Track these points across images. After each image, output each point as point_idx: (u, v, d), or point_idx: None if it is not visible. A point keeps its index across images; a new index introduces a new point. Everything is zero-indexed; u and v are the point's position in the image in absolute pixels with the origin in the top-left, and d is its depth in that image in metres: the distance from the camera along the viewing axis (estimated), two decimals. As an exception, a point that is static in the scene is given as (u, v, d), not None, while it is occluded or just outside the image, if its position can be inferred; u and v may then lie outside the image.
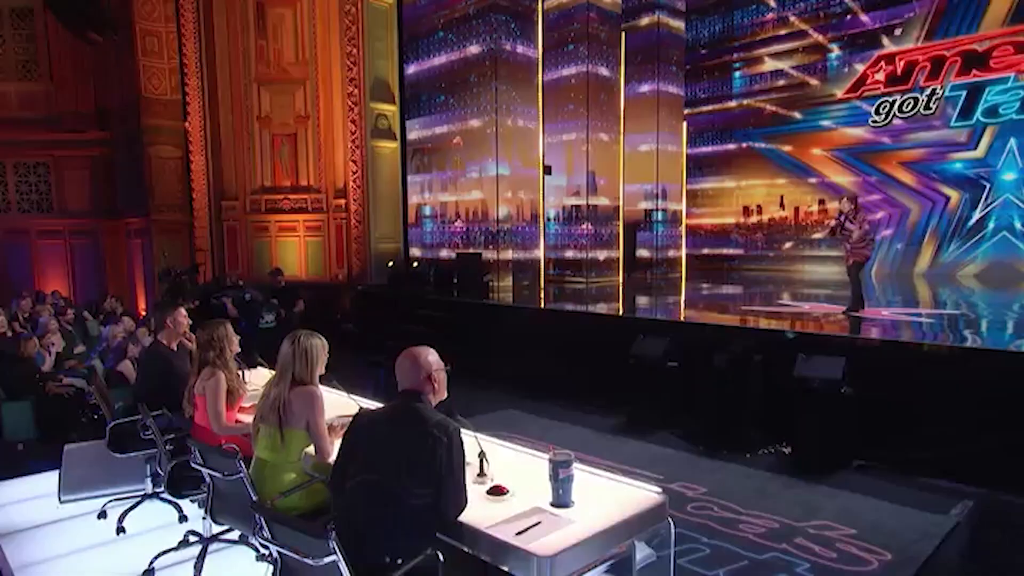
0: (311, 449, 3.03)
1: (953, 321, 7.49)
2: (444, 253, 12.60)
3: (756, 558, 3.70)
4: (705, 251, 14.87)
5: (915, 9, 12.31)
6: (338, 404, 3.97)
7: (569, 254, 12.68)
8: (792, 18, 13.83)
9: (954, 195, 11.78)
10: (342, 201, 12.23)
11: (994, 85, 11.40)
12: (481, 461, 2.67)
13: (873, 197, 12.69)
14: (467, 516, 2.31)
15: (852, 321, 7.19)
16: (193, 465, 3.27)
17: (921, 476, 4.76)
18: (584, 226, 12.59)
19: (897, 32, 12.51)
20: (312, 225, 12.34)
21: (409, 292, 11.17)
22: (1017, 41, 11.12)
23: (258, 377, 5.04)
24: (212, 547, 3.74)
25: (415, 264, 11.96)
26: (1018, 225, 11.03)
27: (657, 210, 13.78)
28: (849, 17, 13.10)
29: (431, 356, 2.54)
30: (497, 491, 2.50)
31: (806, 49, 13.71)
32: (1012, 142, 11.18)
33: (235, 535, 3.79)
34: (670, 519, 2.41)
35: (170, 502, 4.32)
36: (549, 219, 12.56)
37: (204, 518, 3.81)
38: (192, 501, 4.26)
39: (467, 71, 11.93)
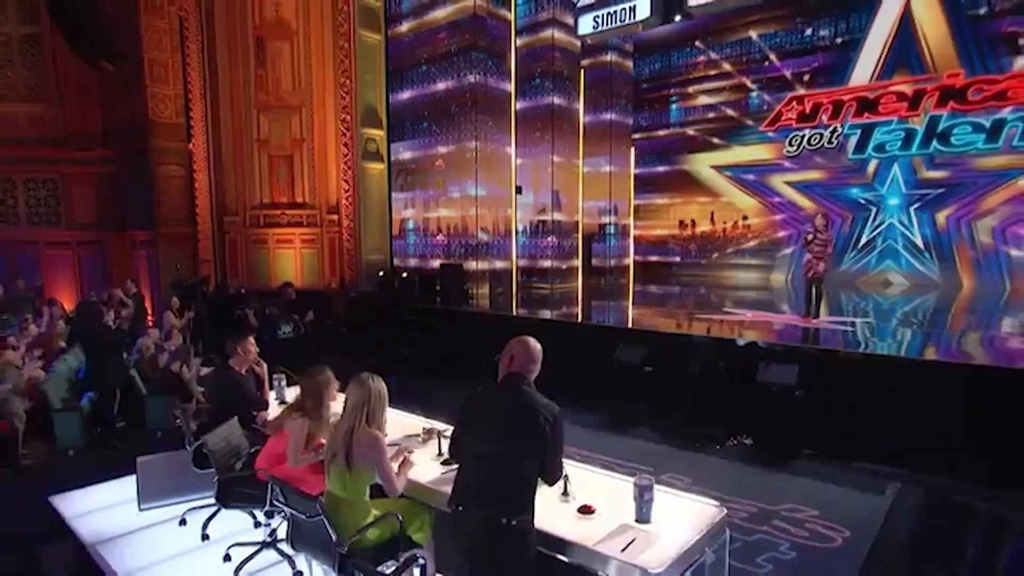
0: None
1: (869, 328, 7.97)
2: (427, 263, 12.66)
3: (747, 540, 4.09)
4: (650, 259, 15.35)
5: (819, 60, 13.07)
6: (404, 424, 4.13)
7: (536, 264, 12.97)
8: (720, 61, 14.37)
9: (850, 215, 12.65)
10: (335, 216, 12.11)
11: (881, 126, 12.22)
12: (565, 483, 2.88)
13: (782, 216, 13.51)
14: (569, 533, 2.52)
15: (801, 331, 7.61)
16: (275, 503, 3.22)
17: (857, 461, 5.27)
18: (549, 239, 12.90)
19: (805, 78, 13.24)
20: (307, 238, 12.17)
21: (399, 300, 11.20)
22: (898, 91, 11.96)
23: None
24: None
25: (404, 274, 11.97)
26: (900, 241, 11.99)
27: (610, 224, 14.23)
28: (767, 63, 13.72)
29: (537, 346, 2.63)
30: (586, 510, 2.72)
31: (731, 88, 14.23)
32: (896, 173, 12.08)
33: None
34: (727, 528, 2.73)
35: (243, 509, 4.37)
36: (519, 233, 12.77)
37: (268, 524, 3.93)
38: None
39: (449, 101, 11.98)
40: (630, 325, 8.82)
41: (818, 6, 12.73)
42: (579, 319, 9.86)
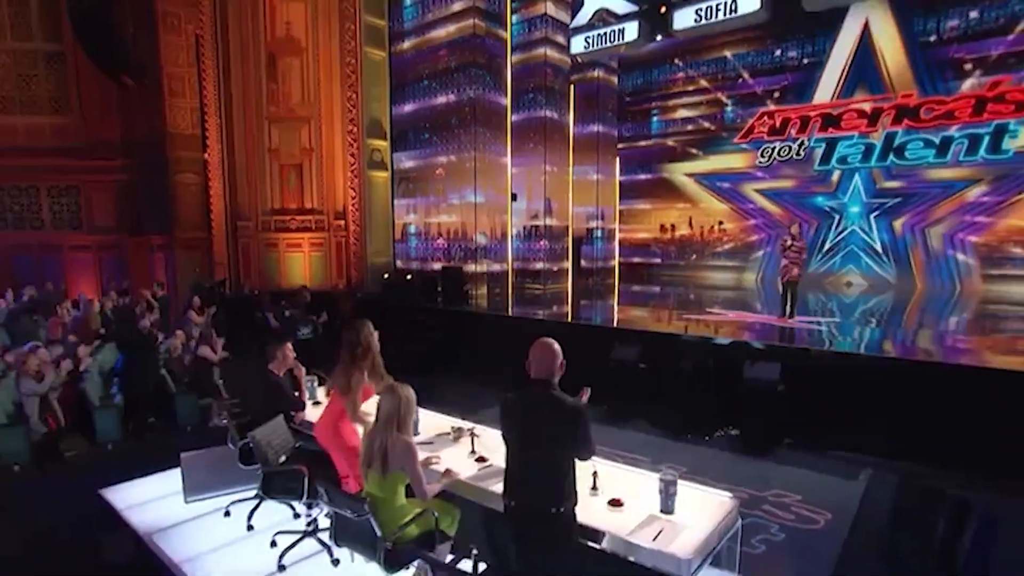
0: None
1: (836, 328, 8.21)
2: (427, 266, 12.72)
3: (741, 522, 4.27)
4: (633, 260, 15.51)
5: (788, 79, 13.32)
6: (434, 424, 4.24)
7: (530, 266, 13.09)
8: (697, 77, 14.54)
9: (816, 222, 12.96)
10: (341, 222, 12.13)
11: (844, 140, 12.50)
12: (594, 478, 3.04)
13: (754, 221, 13.79)
14: (602, 524, 2.67)
15: (780, 331, 7.78)
16: (321, 503, 3.24)
17: (832, 450, 5.48)
18: (542, 242, 13.05)
19: (775, 95, 13.49)
20: (315, 242, 12.18)
21: (404, 301, 11.19)
22: (858, 109, 12.26)
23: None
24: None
25: (409, 276, 12.02)
26: (861, 246, 12.35)
27: (597, 228, 14.40)
28: (740, 80, 13.93)
29: (557, 346, 2.69)
30: (616, 503, 2.87)
31: (708, 102, 14.39)
32: (857, 183, 12.41)
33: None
34: (739, 517, 2.90)
35: (283, 501, 4.43)
36: (514, 237, 12.88)
37: (309, 515, 4.02)
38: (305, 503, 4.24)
39: (449, 114, 12.04)
40: (624, 326, 8.94)
41: (786, 30, 12.96)
42: (569, 318, 10.00)
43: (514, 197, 12.56)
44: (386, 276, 12.17)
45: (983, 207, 10.94)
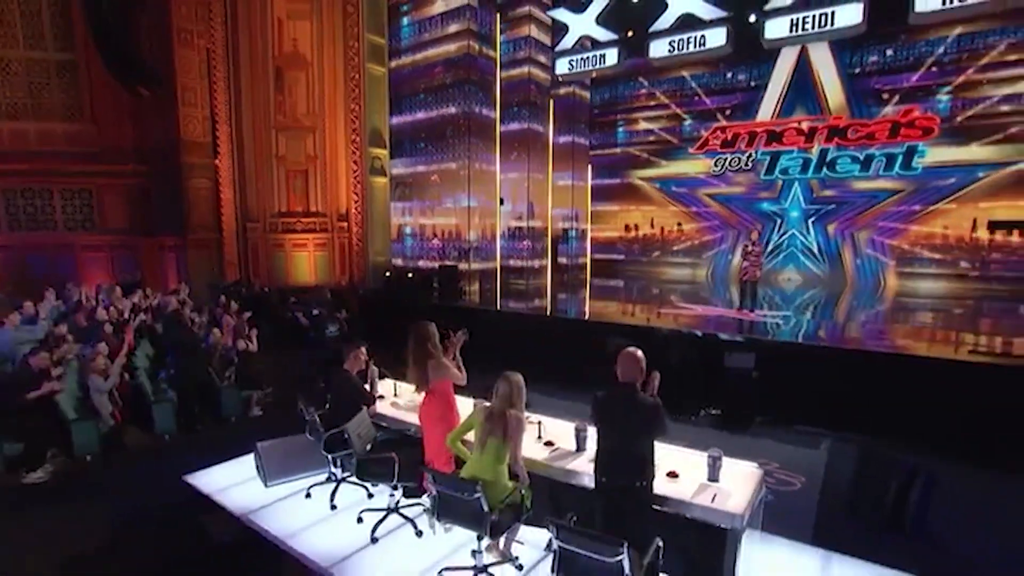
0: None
1: (784, 320, 8.84)
2: (422, 264, 12.94)
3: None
4: (601, 256, 16.08)
5: (737, 98, 14.13)
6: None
7: (515, 263, 13.51)
8: (658, 94, 15.16)
9: (761, 225, 13.83)
10: (344, 224, 12.19)
11: (785, 154, 13.43)
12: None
13: (707, 223, 14.63)
14: (666, 491, 3.20)
15: (745, 324, 8.40)
16: (427, 486, 3.49)
17: (796, 424, 6.18)
18: (525, 242, 13.48)
19: (727, 112, 14.29)
20: (319, 242, 12.20)
21: (404, 297, 11.36)
22: (797, 127, 13.19)
23: (385, 387, 5.49)
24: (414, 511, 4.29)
25: (410, 275, 12.20)
26: (800, 247, 13.38)
27: (572, 228, 14.92)
28: (696, 98, 14.63)
29: (640, 355, 3.14)
30: (672, 475, 3.43)
31: (668, 116, 14.97)
32: (797, 192, 13.40)
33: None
34: (765, 483, 3.50)
35: (358, 483, 4.64)
36: (501, 237, 13.24)
37: (391, 494, 4.34)
38: (374, 485, 4.63)
39: (444, 125, 12.24)
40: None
41: (736, 56, 13.66)
42: (548, 310, 10.46)
43: (501, 201, 12.92)
44: (388, 274, 12.32)
45: (898, 215, 12.11)
